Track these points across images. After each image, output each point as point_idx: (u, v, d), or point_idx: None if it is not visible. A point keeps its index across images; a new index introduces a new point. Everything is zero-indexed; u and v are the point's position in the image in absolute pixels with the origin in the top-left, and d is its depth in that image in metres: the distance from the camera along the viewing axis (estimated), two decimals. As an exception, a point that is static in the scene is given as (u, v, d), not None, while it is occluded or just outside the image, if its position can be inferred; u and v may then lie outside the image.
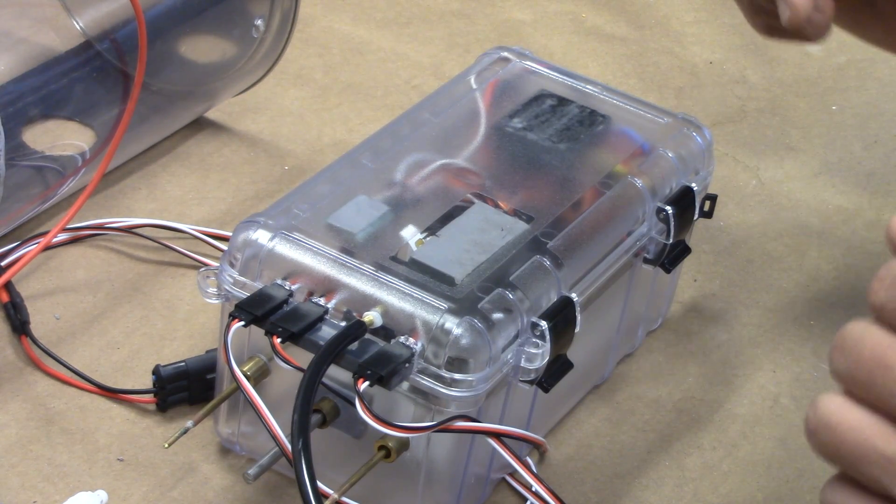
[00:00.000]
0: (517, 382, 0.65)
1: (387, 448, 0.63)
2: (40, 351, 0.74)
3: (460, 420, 0.62)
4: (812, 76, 1.05)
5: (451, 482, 0.65)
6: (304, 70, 0.99)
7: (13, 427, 0.71)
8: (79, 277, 0.80)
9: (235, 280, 0.65)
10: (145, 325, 0.77)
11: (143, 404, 0.72)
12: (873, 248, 0.89)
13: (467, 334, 0.62)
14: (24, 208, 0.80)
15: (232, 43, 0.90)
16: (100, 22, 0.87)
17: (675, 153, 0.74)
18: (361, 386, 0.60)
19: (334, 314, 0.63)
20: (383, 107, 0.96)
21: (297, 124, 0.94)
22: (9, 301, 0.76)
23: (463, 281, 0.64)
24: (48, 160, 0.82)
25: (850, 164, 0.96)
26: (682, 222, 0.73)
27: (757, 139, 0.97)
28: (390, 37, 1.03)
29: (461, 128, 0.75)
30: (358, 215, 0.67)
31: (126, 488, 0.68)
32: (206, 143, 0.91)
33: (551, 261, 0.66)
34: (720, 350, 0.80)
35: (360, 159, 0.71)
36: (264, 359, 0.65)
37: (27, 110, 0.83)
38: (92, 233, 0.82)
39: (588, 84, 0.78)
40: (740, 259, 0.87)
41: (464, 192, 0.70)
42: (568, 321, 0.65)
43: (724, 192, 0.90)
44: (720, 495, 0.71)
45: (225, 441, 0.70)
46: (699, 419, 0.75)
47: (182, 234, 0.82)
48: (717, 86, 1.02)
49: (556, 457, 0.72)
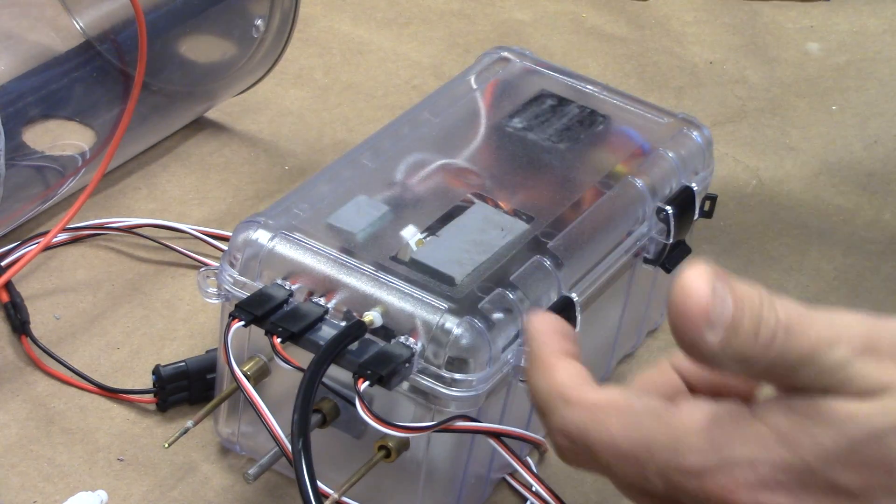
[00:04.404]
0: (517, 382, 0.65)
1: (387, 448, 0.63)
2: (40, 351, 0.74)
3: (460, 420, 0.62)
4: (812, 76, 1.05)
5: (451, 482, 0.65)
6: (304, 70, 0.99)
7: (13, 427, 0.71)
8: (79, 277, 0.80)
9: (235, 280, 0.65)
10: (145, 325, 0.77)
11: (143, 404, 0.72)
12: (873, 248, 0.89)
13: (467, 334, 0.62)
14: (24, 208, 0.80)
15: (232, 43, 0.90)
16: (100, 22, 0.87)
17: (675, 153, 0.74)
18: (361, 386, 0.60)
19: (334, 314, 0.63)
20: (383, 107, 0.96)
21: (297, 124, 0.94)
22: (9, 301, 0.76)
23: (463, 281, 0.64)
24: (48, 160, 0.82)
25: (850, 164, 0.96)
26: (682, 222, 0.73)
27: (757, 139, 0.97)
28: (390, 37, 1.03)
29: (461, 128, 0.75)
30: (358, 215, 0.67)
31: (126, 488, 0.68)
32: (206, 143, 0.91)
33: (551, 261, 0.66)
34: (720, 350, 0.80)
35: (360, 159, 0.71)
36: (264, 359, 0.65)
37: (27, 110, 0.83)
38: (92, 233, 0.82)
39: (588, 84, 0.78)
40: (740, 259, 0.87)
41: (464, 192, 0.70)
42: (568, 321, 0.65)
43: (724, 192, 0.90)
44: (720, 495, 0.71)
45: (225, 441, 0.70)
46: (699, 419, 0.75)
47: (182, 234, 0.82)
48: (717, 86, 1.02)
49: (557, 457, 0.72)
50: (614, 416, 0.46)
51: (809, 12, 1.12)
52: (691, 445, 0.45)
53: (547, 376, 0.47)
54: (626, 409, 0.46)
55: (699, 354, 0.44)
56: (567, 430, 0.47)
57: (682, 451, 0.45)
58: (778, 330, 0.44)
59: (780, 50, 1.07)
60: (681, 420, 0.45)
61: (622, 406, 0.46)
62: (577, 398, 0.46)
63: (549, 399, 0.47)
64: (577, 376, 0.47)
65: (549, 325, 0.48)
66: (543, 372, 0.47)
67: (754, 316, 0.44)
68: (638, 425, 0.45)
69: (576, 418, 0.46)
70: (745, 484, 0.44)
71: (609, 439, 0.46)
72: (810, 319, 0.44)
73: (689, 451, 0.45)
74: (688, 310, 0.43)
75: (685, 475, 0.45)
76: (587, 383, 0.47)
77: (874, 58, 1.07)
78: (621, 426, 0.45)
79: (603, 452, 0.46)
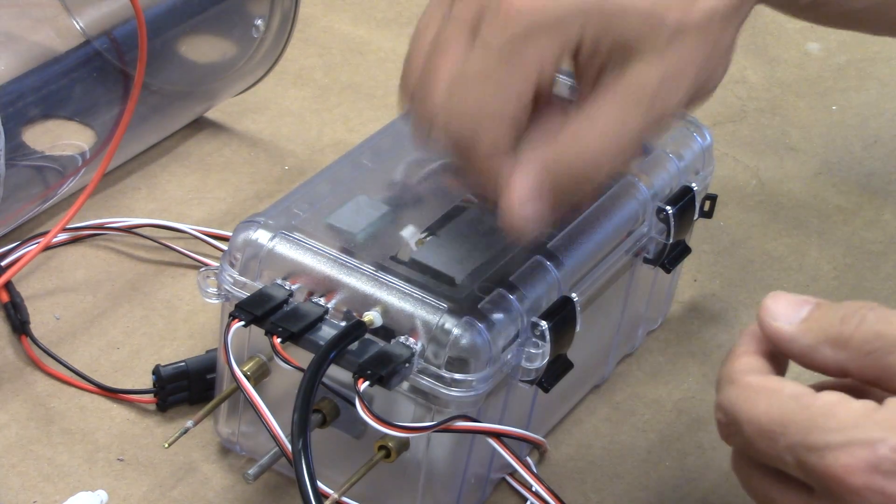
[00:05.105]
0: (517, 382, 0.65)
1: (387, 448, 0.63)
2: (40, 351, 0.74)
3: (460, 420, 0.62)
4: (812, 76, 1.05)
5: (451, 482, 0.65)
6: (304, 70, 0.99)
7: (13, 427, 0.71)
8: (79, 277, 0.80)
9: (235, 280, 0.65)
10: (145, 325, 0.77)
11: (143, 404, 0.72)
12: (873, 248, 0.89)
13: (467, 334, 0.62)
14: (24, 208, 0.80)
15: (232, 43, 0.90)
16: (100, 22, 0.87)
17: (675, 153, 0.74)
18: (361, 386, 0.60)
19: (334, 314, 0.63)
20: (383, 107, 0.96)
21: (297, 124, 0.94)
22: (9, 301, 0.76)
23: (463, 281, 0.64)
24: (48, 160, 0.82)
25: (850, 164, 0.96)
26: (682, 222, 0.73)
27: (757, 139, 0.97)
28: (390, 37, 1.03)
29: (461, 128, 0.75)
30: (358, 215, 0.67)
31: (126, 488, 0.68)
32: (206, 143, 0.91)
33: (551, 261, 0.66)
34: (720, 350, 0.80)
35: (360, 159, 0.71)
36: (264, 359, 0.65)
37: (27, 110, 0.83)
38: (92, 233, 0.82)
39: (588, 84, 0.78)
40: (740, 259, 0.87)
41: (464, 192, 0.70)
42: (568, 321, 0.65)
43: (724, 192, 0.90)
44: (720, 495, 0.71)
45: (225, 441, 0.70)
46: (699, 419, 0.75)
47: (182, 234, 0.82)
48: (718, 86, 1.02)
49: (556, 457, 0.72)
50: (763, 396, 0.53)
51: (809, 12, 1.12)
52: (821, 425, 0.51)
53: (728, 364, 0.56)
54: (774, 391, 0.53)
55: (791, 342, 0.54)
56: (724, 406, 0.54)
57: (812, 430, 0.51)
58: (866, 312, 0.53)
59: (780, 50, 1.07)
60: (817, 403, 0.52)
61: (773, 388, 0.53)
62: (738, 380, 0.54)
63: (720, 380, 0.55)
64: (749, 366, 0.55)
65: (753, 329, 0.57)
66: (728, 361, 0.56)
67: (836, 307, 0.55)
68: (780, 405, 0.52)
69: (731, 396, 0.54)
70: (863, 465, 0.50)
71: (754, 415, 0.53)
72: None
73: (819, 429, 0.51)
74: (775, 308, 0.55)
75: (812, 452, 0.51)
76: (755, 371, 0.55)
77: (874, 58, 1.07)
78: (766, 405, 0.52)
79: (746, 426, 0.53)
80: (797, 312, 0.55)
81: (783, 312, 0.56)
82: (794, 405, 0.52)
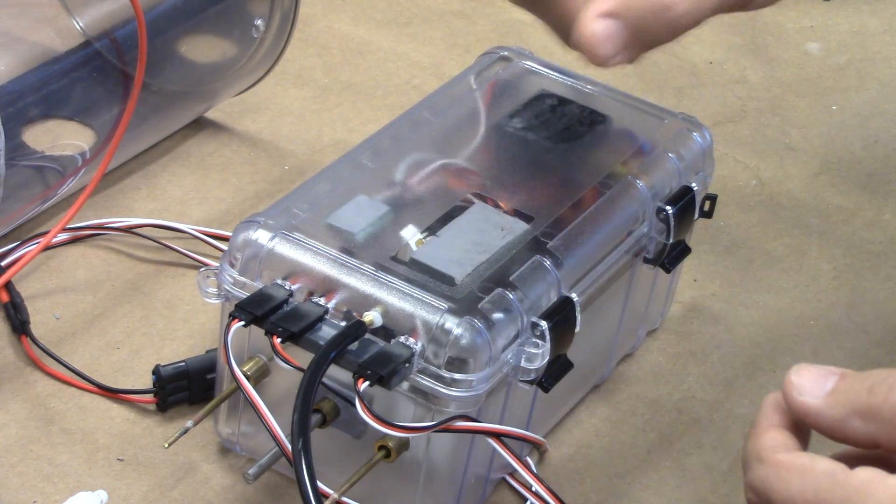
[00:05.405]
0: (517, 382, 0.65)
1: (387, 448, 0.63)
2: (40, 351, 0.74)
3: (460, 420, 0.62)
4: (812, 76, 1.05)
5: (451, 482, 0.65)
6: (304, 70, 0.99)
7: (13, 427, 0.71)
8: (79, 277, 0.80)
9: (235, 280, 0.65)
10: (145, 325, 0.77)
11: (143, 404, 0.72)
12: (873, 248, 0.89)
13: (467, 334, 0.62)
14: (24, 208, 0.80)
15: (232, 43, 0.90)
16: (100, 22, 0.87)
17: (675, 153, 0.74)
18: (361, 386, 0.60)
19: (334, 314, 0.63)
20: (383, 107, 0.96)
21: (297, 124, 0.94)
22: (9, 301, 0.76)
23: (463, 281, 0.64)
24: (48, 160, 0.82)
25: (850, 164, 0.96)
26: (682, 222, 0.73)
27: (757, 139, 0.97)
28: (390, 37, 1.03)
29: (461, 128, 0.75)
30: (358, 215, 0.67)
31: (126, 488, 0.68)
32: (206, 143, 0.91)
33: (551, 261, 0.66)
34: (720, 350, 0.80)
35: (360, 159, 0.71)
36: (264, 359, 0.65)
37: (27, 110, 0.83)
38: (92, 233, 0.82)
39: (588, 84, 0.78)
40: (740, 259, 0.87)
41: (464, 192, 0.70)
42: (568, 321, 0.65)
43: (724, 192, 0.90)
44: (720, 495, 0.71)
45: (225, 441, 0.70)
46: (699, 419, 0.75)
47: (182, 234, 0.82)
48: (717, 86, 1.02)
49: (556, 457, 0.72)
50: (796, 475, 0.51)
51: (809, 12, 1.12)
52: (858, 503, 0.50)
53: (754, 439, 0.54)
54: (807, 470, 0.51)
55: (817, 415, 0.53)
56: (755, 485, 0.52)
57: None
58: (894, 381, 0.51)
59: (780, 50, 1.07)
60: (852, 482, 0.50)
61: (805, 467, 0.51)
62: (768, 458, 0.52)
63: (748, 458, 0.54)
64: (776, 441, 0.53)
65: (774, 400, 0.55)
66: (754, 436, 0.54)
67: (862, 376, 0.53)
68: (814, 484, 0.51)
69: (762, 475, 0.52)
70: None
71: (788, 496, 0.51)
72: None
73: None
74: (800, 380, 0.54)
75: None
76: (785, 448, 0.53)
77: (874, 58, 1.07)
78: (800, 484, 0.51)
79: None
80: (823, 385, 0.54)
81: (809, 386, 0.54)
82: (829, 483, 0.51)
